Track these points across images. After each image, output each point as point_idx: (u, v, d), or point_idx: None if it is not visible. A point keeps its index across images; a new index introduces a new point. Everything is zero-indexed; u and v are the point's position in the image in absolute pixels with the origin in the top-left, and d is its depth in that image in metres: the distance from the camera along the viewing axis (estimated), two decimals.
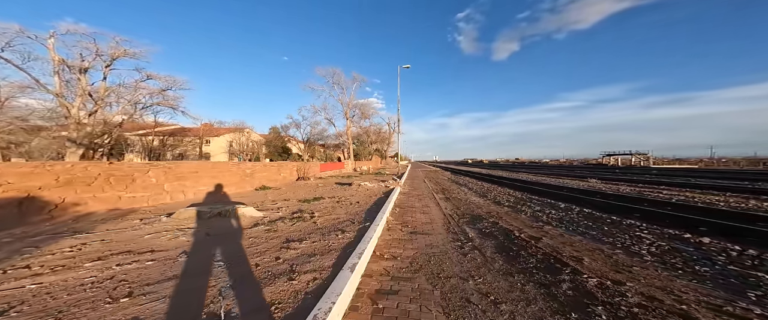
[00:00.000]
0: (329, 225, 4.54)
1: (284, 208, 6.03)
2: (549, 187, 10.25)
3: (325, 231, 4.15)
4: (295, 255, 3.18)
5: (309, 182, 11.84)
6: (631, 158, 50.50)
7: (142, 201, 5.85)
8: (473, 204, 7.07)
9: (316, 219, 4.92)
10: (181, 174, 6.73)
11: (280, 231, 4.12)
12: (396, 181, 12.09)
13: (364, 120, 39.38)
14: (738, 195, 7.90)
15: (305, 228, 4.35)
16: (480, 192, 9.67)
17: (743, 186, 9.48)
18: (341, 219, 4.93)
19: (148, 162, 6.20)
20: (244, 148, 35.44)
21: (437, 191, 9.97)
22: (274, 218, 5.00)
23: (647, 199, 6.85)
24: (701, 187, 9.78)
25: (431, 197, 8.34)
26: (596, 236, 3.98)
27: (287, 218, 4.90)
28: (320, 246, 3.39)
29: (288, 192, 9.04)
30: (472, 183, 13.50)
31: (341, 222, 4.70)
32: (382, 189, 9.47)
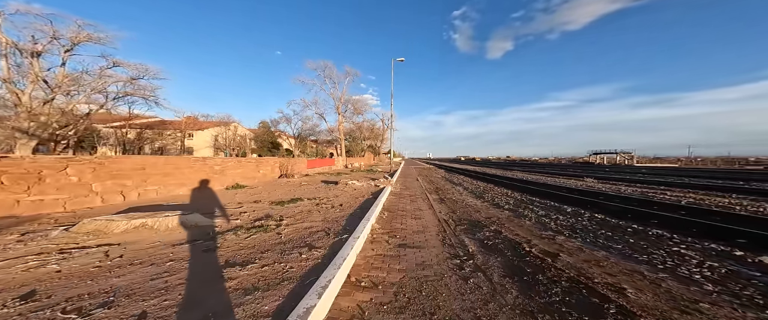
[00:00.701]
0: (297, 237, 3.66)
1: (248, 213, 5.09)
2: (548, 187, 9.66)
3: (288, 246, 3.27)
4: (222, 292, 2.19)
5: (292, 180, 10.87)
6: (616, 157, 52.03)
7: (56, 206, 4.73)
8: (470, 207, 6.34)
9: (283, 228, 4.01)
10: (120, 171, 5.63)
11: (225, 248, 3.19)
12: (387, 180, 11.29)
13: (357, 116, 38.31)
14: (745, 196, 7.47)
15: (263, 242, 3.45)
16: (476, 193, 8.97)
17: (742, 187, 9.14)
18: (315, 229, 4.05)
19: (68, 157, 5.11)
20: (229, 142, 33.89)
21: (431, 191, 9.22)
22: (227, 228, 4.03)
23: (657, 202, 6.28)
24: (700, 188, 9.42)
25: (424, 198, 7.57)
26: (624, 251, 3.27)
27: (245, 228, 3.97)
28: (271, 274, 2.49)
29: (263, 192, 8.04)
30: (467, 182, 12.83)
31: (313, 234, 3.83)
32: (371, 189, 8.65)
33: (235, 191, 7.86)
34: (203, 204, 5.95)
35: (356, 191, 8.15)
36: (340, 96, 32.54)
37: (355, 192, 8.01)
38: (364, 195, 7.44)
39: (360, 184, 9.14)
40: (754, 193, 8.06)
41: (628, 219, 4.82)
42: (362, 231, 3.69)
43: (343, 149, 34.03)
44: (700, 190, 8.95)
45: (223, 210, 5.33)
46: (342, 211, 5.37)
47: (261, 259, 2.82)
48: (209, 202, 6.27)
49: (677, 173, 17.74)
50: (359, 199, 6.84)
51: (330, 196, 7.21)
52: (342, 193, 7.74)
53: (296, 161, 13.42)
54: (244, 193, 7.72)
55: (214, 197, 6.89)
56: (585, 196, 7.26)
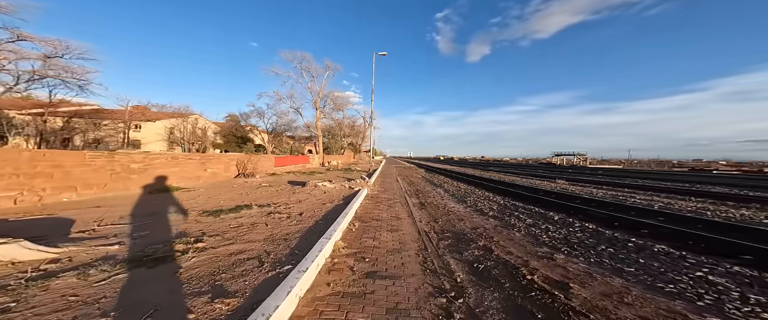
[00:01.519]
0: (207, 273, 2.44)
1: (148, 233, 3.54)
2: (526, 190, 9.44)
3: (175, 298, 2.03)
4: None
5: (251, 181, 9.40)
6: (573, 158, 57.38)
7: None
8: (453, 214, 5.64)
9: (195, 257, 2.75)
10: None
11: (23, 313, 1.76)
12: (365, 181, 10.34)
13: (336, 112, 36.69)
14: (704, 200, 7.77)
15: (130, 288, 2.14)
16: (458, 196, 8.39)
17: (694, 190, 9.66)
18: (246, 255, 2.91)
19: None
20: (188, 136, 30.35)
21: (411, 194, 8.46)
22: (72, 265, 2.50)
23: (636, 208, 6.11)
24: (658, 190, 9.86)
25: (403, 203, 6.75)
26: (643, 278, 2.69)
27: (114, 262, 2.57)
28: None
29: (202, 196, 6.49)
30: (448, 183, 12.35)
31: (239, 264, 2.67)
32: (343, 192, 7.63)
33: (160, 196, 6.07)
34: (74, 220, 4.08)
35: (326, 195, 7.08)
36: (318, 90, 30.76)
37: (324, 196, 6.93)
38: (334, 200, 6.41)
39: (332, 186, 8.08)
40: (705, 196, 8.48)
41: (620, 229, 4.43)
42: (317, 256, 2.72)
43: (321, 146, 32.30)
44: (660, 193, 9.34)
45: (93, 231, 3.61)
46: (299, 224, 4.31)
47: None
48: (90, 215, 4.40)
49: (627, 175, 19.81)
50: (327, 205, 5.80)
51: (290, 202, 6.05)
52: (307, 198, 6.62)
53: (260, 158, 11.78)
54: (170, 199, 6.06)
55: (115, 206, 5.10)
56: (566, 201, 6.98)
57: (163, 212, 4.82)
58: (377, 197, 7.41)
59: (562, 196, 7.98)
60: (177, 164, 7.64)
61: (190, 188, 7.24)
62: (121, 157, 6.10)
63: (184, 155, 7.88)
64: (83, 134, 27.78)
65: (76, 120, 26.26)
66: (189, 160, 8.08)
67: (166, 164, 7.23)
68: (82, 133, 27.49)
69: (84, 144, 27.81)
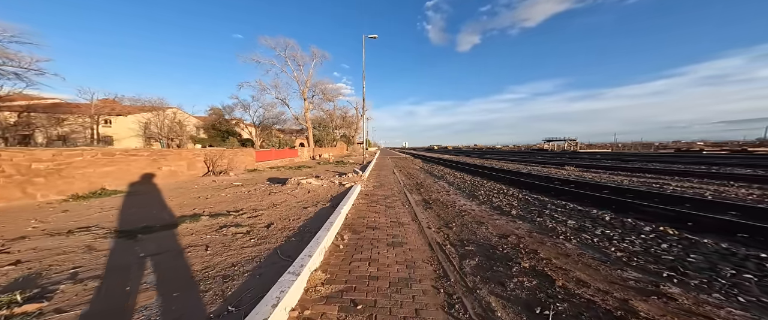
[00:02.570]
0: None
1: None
2: (539, 179, 8.41)
3: None
4: None
5: (223, 179, 7.95)
6: (564, 144, 57.85)
7: None
8: (468, 215, 4.48)
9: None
10: None
11: None
12: (358, 175, 9.07)
13: (327, 102, 34.72)
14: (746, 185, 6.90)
15: None
16: (466, 190, 7.25)
17: (715, 172, 8.88)
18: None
19: None
20: (165, 130, 28.04)
21: (411, 189, 7.26)
22: None
23: (693, 199, 5.03)
24: (685, 175, 9.05)
25: (404, 201, 5.55)
26: None
27: None
28: None
29: (138, 204, 4.99)
30: (450, 174, 11.23)
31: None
32: (332, 190, 6.35)
33: (77, 204, 4.67)
34: None
35: (309, 195, 5.78)
36: (305, 80, 28.74)
37: (306, 196, 5.63)
38: (319, 202, 5.13)
39: (318, 183, 6.79)
40: (742, 179, 7.65)
41: (696, 231, 3.37)
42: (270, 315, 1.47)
43: (311, 139, 30.61)
44: (687, 178, 8.51)
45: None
46: (260, 243, 3.01)
47: None
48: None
49: (624, 158, 19.35)
50: (308, 210, 4.52)
51: (261, 207, 4.72)
52: (285, 200, 5.30)
53: (237, 153, 10.21)
54: (87, 208, 4.54)
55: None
56: (596, 192, 5.94)
57: (53, 230, 3.40)
58: (373, 195, 6.19)
59: (585, 185, 6.95)
60: (113, 162, 6.00)
61: (132, 192, 5.71)
62: (15, 154, 4.51)
63: (124, 151, 6.22)
64: (45, 130, 25.28)
65: (35, 115, 23.72)
66: (132, 157, 6.40)
67: (94, 162, 5.58)
68: (43, 128, 25.00)
69: (47, 141, 25.30)
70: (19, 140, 23.09)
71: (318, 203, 4.99)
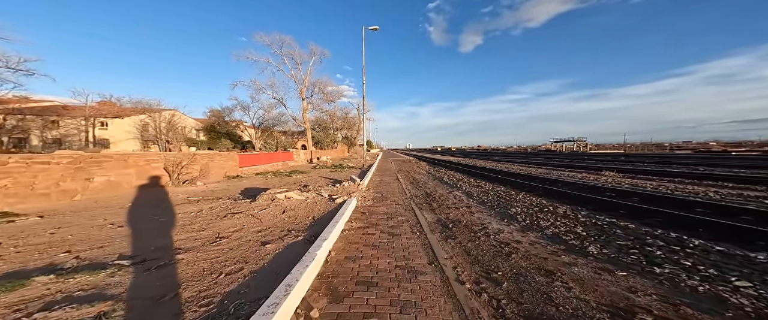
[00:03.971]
0: None
1: None
2: (581, 189, 6.76)
3: None
4: None
5: (183, 192, 6.33)
6: (574, 145, 55.16)
7: None
8: (519, 255, 2.87)
9: None
10: None
11: None
12: (355, 183, 7.53)
13: (327, 103, 33.28)
14: None
15: None
16: (493, 205, 5.62)
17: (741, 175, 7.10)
18: None
19: None
20: (162, 133, 26.93)
21: (421, 203, 5.65)
22: None
23: None
24: (700, 177, 7.65)
25: (414, 225, 3.95)
26: None
27: None
28: None
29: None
30: (464, 181, 9.59)
31: None
32: (318, 208, 4.78)
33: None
34: None
35: (284, 217, 4.21)
36: (303, 78, 27.38)
37: (278, 220, 4.06)
38: (292, 232, 3.56)
39: (301, 198, 5.23)
40: None
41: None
42: None
43: (310, 141, 29.21)
44: (703, 180, 7.06)
45: None
46: None
47: None
48: None
49: (645, 159, 17.67)
50: (266, 250, 2.95)
51: (191, 245, 3.10)
52: (243, 228, 3.72)
53: (214, 157, 8.60)
54: None
55: None
56: (685, 210, 4.27)
57: None
58: (371, 213, 4.61)
59: (656, 200, 5.24)
60: (6, 173, 4.35)
61: (28, 214, 4.20)
62: None
63: (26, 157, 4.51)
64: (40, 133, 24.52)
65: (30, 117, 22.93)
66: (40, 165, 4.73)
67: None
68: (39, 131, 24.24)
69: (43, 144, 24.49)
70: (14, 143, 22.22)
71: (289, 233, 3.42)
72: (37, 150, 21.66)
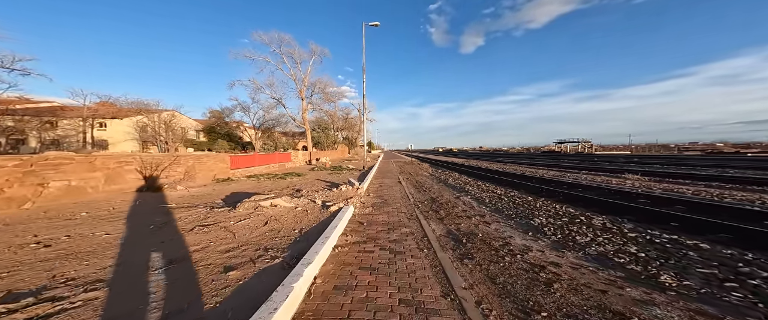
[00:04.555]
0: None
1: None
2: (609, 194, 6.02)
3: None
4: None
5: (159, 197, 5.67)
6: (578, 146, 53.84)
7: None
8: (562, 285, 2.15)
9: None
10: None
11: None
12: (354, 187, 6.85)
13: (328, 103, 32.71)
14: None
15: None
16: (510, 213, 4.90)
17: None
18: None
19: None
20: (160, 134, 26.47)
21: (427, 211, 4.93)
22: None
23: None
24: (729, 181, 6.82)
25: (420, 240, 3.24)
26: None
27: None
28: None
29: None
30: (472, 184, 8.85)
31: None
32: (308, 218, 4.10)
33: None
34: None
35: (265, 230, 3.52)
36: (303, 78, 26.86)
37: (257, 233, 3.37)
38: (270, 251, 2.87)
39: (290, 205, 4.54)
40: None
41: None
42: None
43: (309, 141, 28.61)
44: (747, 185, 6.29)
45: None
46: None
47: None
48: None
49: (659, 161, 17.54)
50: (229, 280, 2.27)
51: (129, 271, 2.47)
52: (209, 246, 3.03)
53: (201, 158, 7.85)
54: None
55: None
56: (756, 224, 3.53)
57: None
58: (370, 224, 3.91)
59: (717, 210, 4.47)
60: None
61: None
62: None
63: None
64: (38, 134, 24.24)
65: (28, 118, 22.67)
66: None
67: None
68: (36, 132, 23.97)
69: (41, 145, 24.18)
70: (12, 145, 21.87)
71: (265, 252, 2.74)
72: (35, 152, 21.25)
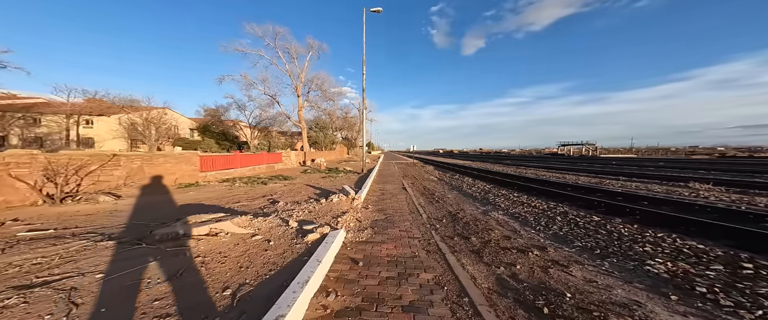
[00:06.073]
0: None
1: None
2: (691, 211, 4.46)
3: None
4: None
5: (57, 213, 3.90)
6: (582, 148, 52.44)
7: None
8: None
9: None
10: None
11: None
12: (348, 197, 5.30)
13: (326, 101, 31.10)
14: None
15: None
16: (581, 241, 3.34)
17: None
18: None
19: None
20: (148, 131, 24.85)
21: (450, 234, 3.37)
22: None
23: None
24: None
25: (456, 298, 1.69)
26: None
27: None
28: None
29: None
30: (492, 192, 7.28)
31: None
32: (262, 260, 2.54)
33: None
34: None
35: (139, 308, 1.96)
36: (299, 74, 25.31)
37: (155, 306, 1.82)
38: None
39: (245, 231, 2.96)
40: None
41: None
42: None
43: (306, 141, 27.03)
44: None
45: None
46: None
47: None
48: None
49: (690, 165, 15.92)
50: None
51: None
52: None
53: (153, 159, 5.86)
54: None
55: None
56: None
57: None
58: (369, 262, 2.35)
59: None
60: None
61: None
62: None
63: None
64: (21, 130, 22.78)
65: (10, 115, 21.27)
66: None
67: None
68: (19, 129, 22.54)
69: (23, 143, 22.72)
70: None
71: None
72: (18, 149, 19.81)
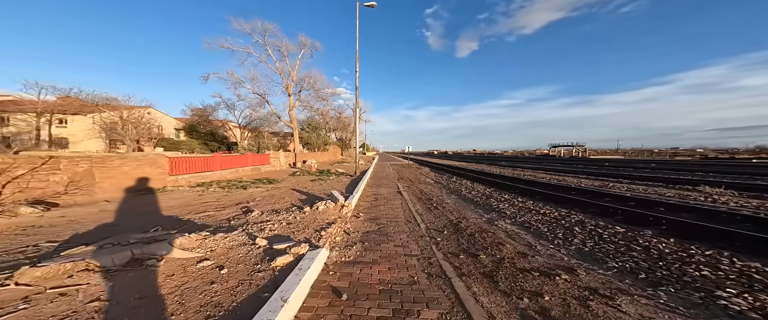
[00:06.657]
0: None
1: None
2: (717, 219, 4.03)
3: None
4: None
5: None
6: (572, 150, 53.42)
7: None
8: None
9: None
10: None
11: None
12: (337, 204, 4.66)
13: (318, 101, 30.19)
14: None
15: None
16: (613, 260, 2.80)
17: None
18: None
19: None
20: (129, 130, 23.39)
21: (454, 251, 2.79)
22: None
23: None
24: None
25: None
26: None
27: None
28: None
29: None
30: (493, 196, 6.77)
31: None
32: (206, 298, 1.88)
33: None
34: None
35: None
36: (290, 72, 24.43)
37: None
38: None
39: (193, 255, 2.32)
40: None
41: None
42: None
43: (297, 141, 26.12)
44: None
45: None
46: None
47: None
48: None
49: (662, 167, 15.98)
50: None
51: None
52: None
53: (105, 161, 4.59)
54: None
55: None
56: None
57: None
58: (354, 293, 1.74)
59: None
60: None
61: None
62: None
63: None
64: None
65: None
66: None
67: None
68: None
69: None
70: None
71: None
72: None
